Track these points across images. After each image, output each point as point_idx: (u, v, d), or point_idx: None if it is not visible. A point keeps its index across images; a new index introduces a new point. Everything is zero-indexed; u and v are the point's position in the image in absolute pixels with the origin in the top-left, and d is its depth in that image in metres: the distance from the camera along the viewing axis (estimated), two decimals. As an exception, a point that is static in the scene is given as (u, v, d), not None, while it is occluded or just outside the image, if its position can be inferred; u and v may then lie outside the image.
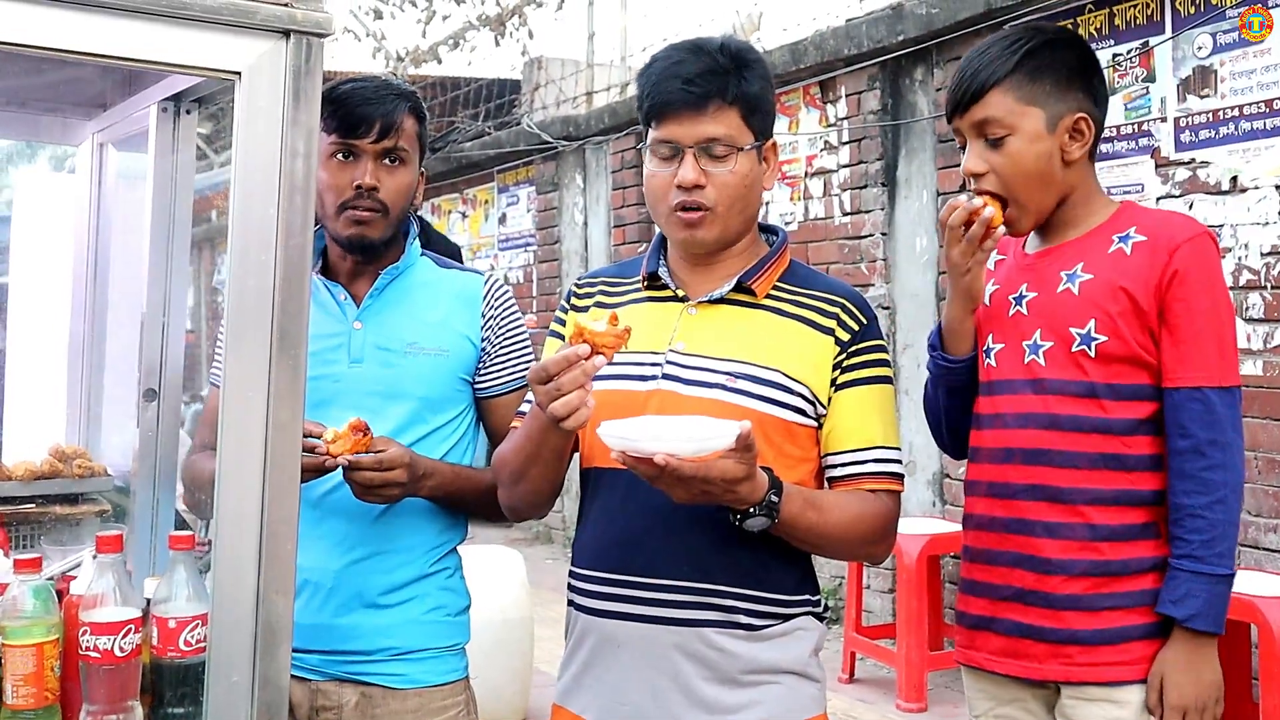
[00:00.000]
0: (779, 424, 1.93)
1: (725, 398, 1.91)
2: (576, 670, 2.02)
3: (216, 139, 11.60)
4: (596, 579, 1.98)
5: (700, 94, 1.92)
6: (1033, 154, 2.03)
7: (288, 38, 1.57)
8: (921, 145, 6.16)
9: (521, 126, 9.66)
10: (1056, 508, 2.02)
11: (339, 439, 2.01)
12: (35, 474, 2.85)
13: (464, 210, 10.81)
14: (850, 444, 1.98)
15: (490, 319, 2.31)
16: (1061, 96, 2.04)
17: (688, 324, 2.01)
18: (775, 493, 1.82)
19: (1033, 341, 2.05)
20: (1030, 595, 2.04)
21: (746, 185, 1.97)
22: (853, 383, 1.98)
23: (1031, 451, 2.04)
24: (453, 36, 11.32)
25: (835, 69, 6.62)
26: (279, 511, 1.57)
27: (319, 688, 2.18)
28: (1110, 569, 1.99)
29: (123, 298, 3.04)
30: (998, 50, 2.05)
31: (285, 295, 1.58)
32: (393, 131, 2.19)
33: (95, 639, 1.57)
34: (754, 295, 2.00)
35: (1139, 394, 1.99)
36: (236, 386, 1.57)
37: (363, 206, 2.18)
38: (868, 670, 5.75)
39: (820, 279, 2.07)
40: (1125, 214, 2.08)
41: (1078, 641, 2.00)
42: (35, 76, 2.78)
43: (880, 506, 1.98)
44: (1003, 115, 2.03)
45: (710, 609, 1.91)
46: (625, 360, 1.96)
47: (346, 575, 2.17)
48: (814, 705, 1.99)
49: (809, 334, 1.98)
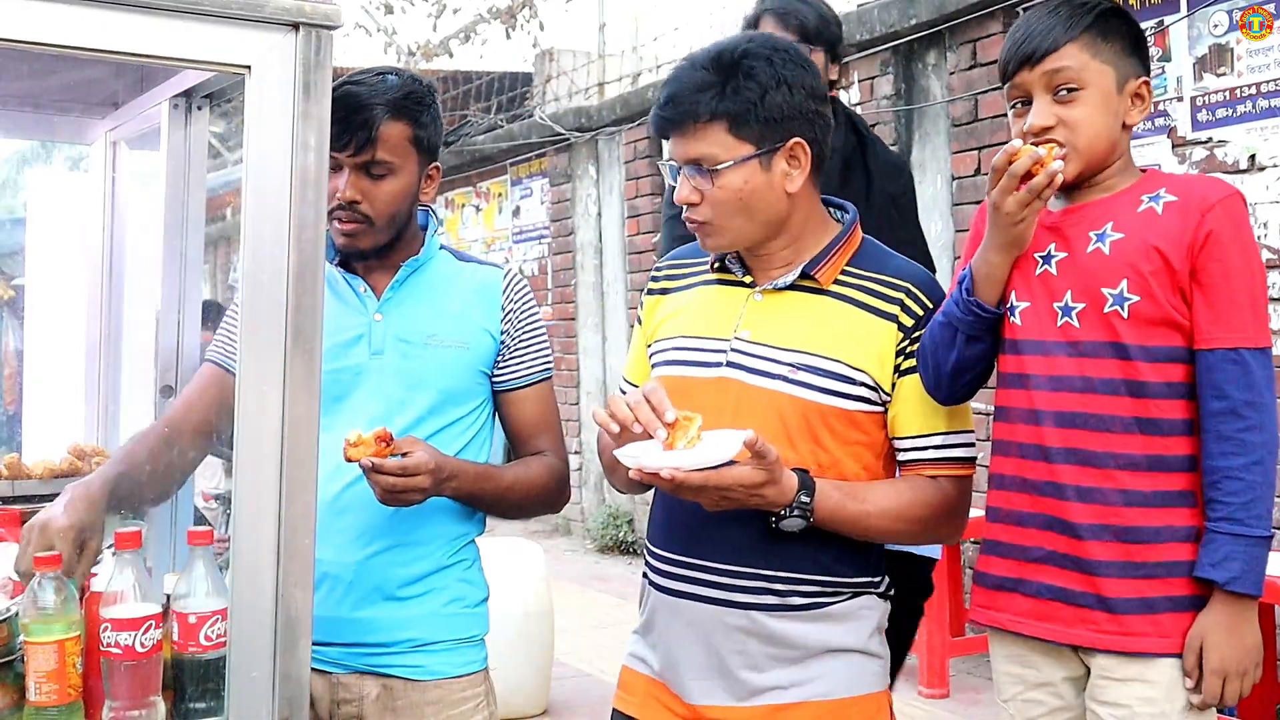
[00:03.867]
0: (840, 413, 1.95)
1: (787, 389, 1.95)
2: (646, 636, 2.10)
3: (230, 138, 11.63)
4: (664, 559, 2.06)
5: (675, 115, 1.96)
6: (1103, 111, 2.02)
7: (297, 30, 1.56)
8: (935, 130, 6.13)
9: (534, 119, 9.65)
10: (1089, 471, 2.00)
11: (361, 444, 2.01)
12: (55, 472, 2.86)
13: (478, 204, 10.81)
14: (911, 430, 2.00)
15: (510, 312, 2.31)
16: (1127, 60, 2.04)
17: (753, 311, 2.03)
18: (806, 493, 1.85)
19: (1064, 303, 2.02)
20: (1061, 558, 2.02)
21: (745, 197, 1.95)
22: (915, 369, 1.99)
23: (1065, 414, 2.02)
24: (463, 30, 11.31)
25: (847, 54, 6.57)
26: (296, 506, 1.57)
27: (339, 680, 2.18)
28: (1142, 535, 1.97)
29: (138, 295, 3.05)
30: (1067, 11, 2.04)
31: (299, 289, 1.57)
32: (369, 145, 2.14)
33: (116, 635, 1.58)
34: (818, 284, 2.01)
35: (1172, 356, 1.97)
36: (252, 382, 1.57)
37: (344, 218, 2.17)
38: (889, 657, 5.74)
39: (891, 261, 2.06)
40: (1151, 178, 2.07)
41: (1106, 608, 1.98)
42: (48, 77, 2.79)
43: (938, 492, 2.00)
44: (1078, 68, 2.01)
45: (766, 593, 1.96)
46: (691, 345, 2.03)
47: (366, 568, 2.17)
48: (876, 681, 2.01)
49: (872, 321, 1.98)
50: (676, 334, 2.10)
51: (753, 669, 1.97)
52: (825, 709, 1.97)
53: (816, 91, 2.00)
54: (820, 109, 2.01)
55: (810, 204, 2.05)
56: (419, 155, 2.23)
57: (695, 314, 2.10)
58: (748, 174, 1.95)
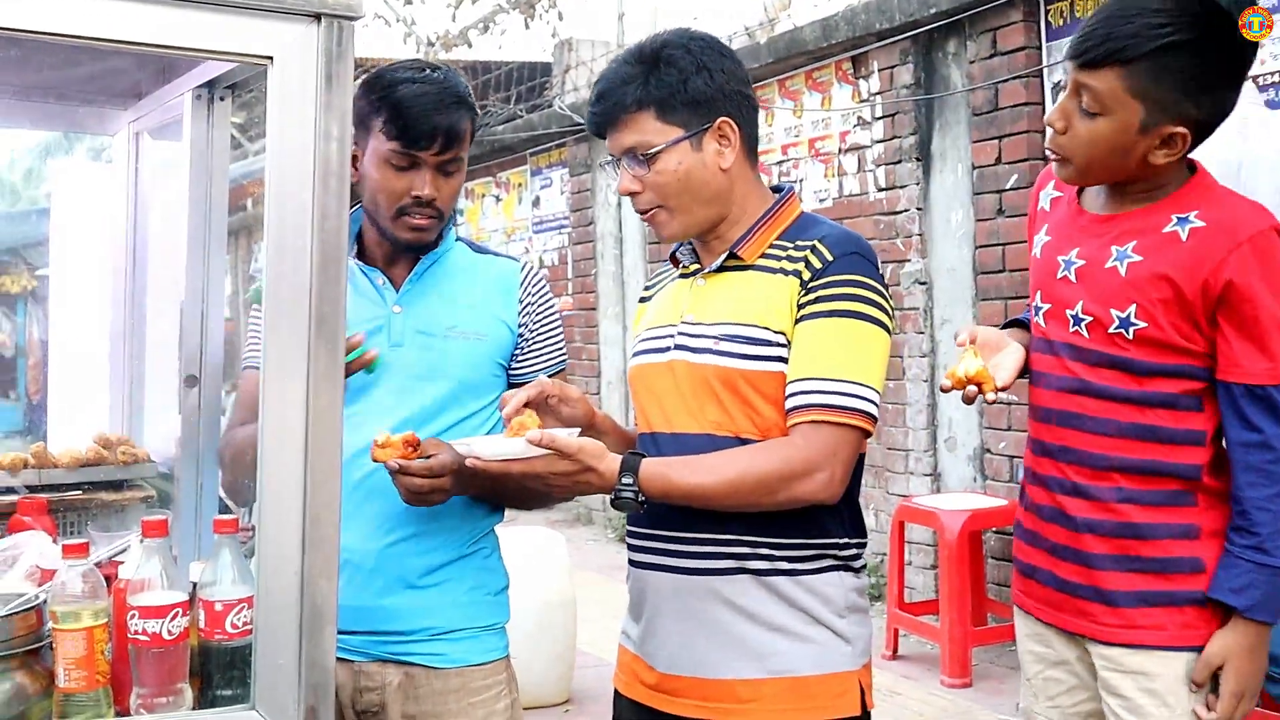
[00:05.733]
0: (765, 376, 1.98)
1: (714, 361, 2.00)
2: (630, 612, 2.17)
3: (251, 128, 11.66)
4: (635, 534, 2.12)
5: (605, 110, 2.07)
6: (1112, 145, 1.97)
7: (319, 21, 1.57)
8: (956, 119, 6.11)
9: (553, 109, 9.65)
10: (1085, 471, 2.03)
11: (389, 446, 2.03)
12: (81, 461, 2.89)
13: (497, 194, 10.82)
14: (790, 377, 1.97)
15: (527, 305, 2.33)
16: (1174, 103, 1.93)
17: (696, 295, 2.10)
18: (629, 475, 1.91)
19: (1075, 312, 2.04)
20: (1064, 550, 2.07)
21: (681, 177, 2.03)
22: (805, 317, 1.97)
23: (1065, 414, 2.05)
24: (483, 20, 11.30)
25: (867, 44, 6.57)
26: (321, 496, 1.58)
27: (361, 668, 2.20)
28: (1137, 532, 1.99)
29: (162, 286, 3.07)
30: (1135, 27, 1.92)
31: (322, 280, 1.58)
32: (455, 145, 2.20)
33: (144, 622, 1.59)
34: (743, 260, 2.06)
35: (1177, 372, 1.96)
36: (275, 373, 1.58)
37: (421, 214, 2.20)
38: (911, 647, 5.75)
39: (817, 228, 2.06)
40: (1194, 189, 2.00)
41: (1103, 600, 2.02)
42: (72, 68, 2.80)
43: (786, 447, 1.93)
44: (1106, 93, 1.94)
45: (724, 558, 1.99)
46: (650, 336, 2.13)
47: (387, 556, 2.19)
48: (845, 660, 2.01)
49: (780, 282, 2.01)
50: (643, 329, 2.20)
51: (718, 642, 1.99)
52: (788, 686, 1.98)
53: (737, 74, 2.08)
54: (743, 90, 2.08)
55: (747, 183, 2.09)
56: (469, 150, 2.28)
57: (658, 308, 2.20)
58: (680, 155, 2.03)
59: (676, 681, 2.03)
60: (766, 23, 8.10)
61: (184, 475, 2.59)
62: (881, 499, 6.55)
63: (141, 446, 3.02)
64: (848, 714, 1.99)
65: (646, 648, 2.08)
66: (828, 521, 2.01)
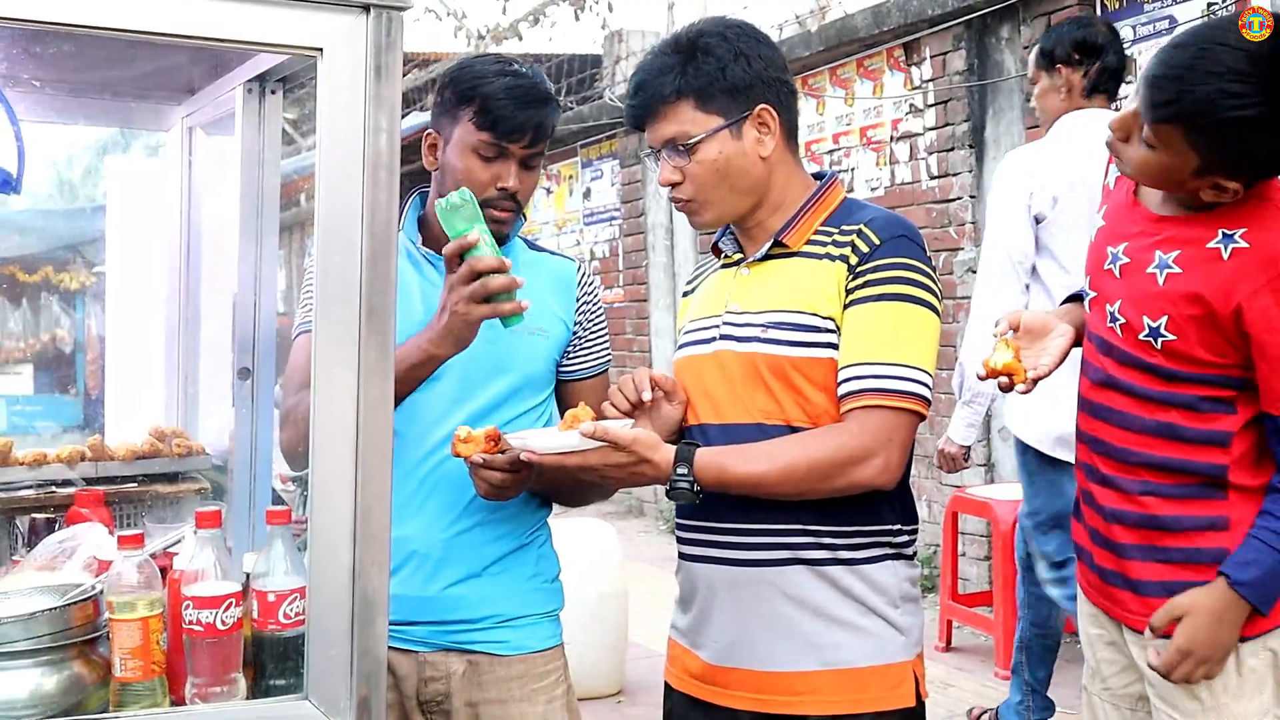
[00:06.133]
0: (814, 362, 1.97)
1: (761, 348, 1.99)
2: (680, 605, 2.16)
3: (303, 123, 11.75)
4: (685, 525, 2.11)
5: (644, 101, 2.06)
6: (1165, 176, 1.94)
7: (368, 12, 1.56)
8: (1009, 105, 6.04)
9: (604, 100, 9.65)
10: (1111, 463, 2.04)
11: (471, 441, 2.03)
12: (136, 454, 2.92)
13: (548, 186, 10.84)
14: (841, 363, 1.96)
15: (584, 304, 2.36)
16: (1229, 165, 1.86)
17: (740, 284, 2.09)
18: (684, 465, 1.91)
19: (1114, 309, 2.02)
20: (1100, 537, 2.08)
21: (720, 167, 2.02)
22: (855, 302, 1.96)
23: (1097, 406, 2.06)
24: (533, 13, 11.32)
25: (919, 30, 6.51)
26: (372, 488, 1.58)
27: (426, 659, 2.21)
28: (1160, 523, 1.99)
29: (215, 280, 3.09)
30: (1213, 91, 1.80)
31: (372, 272, 1.58)
32: (542, 139, 2.21)
33: (198, 613, 1.60)
34: (788, 247, 2.04)
35: (1206, 381, 1.94)
36: (326, 364, 1.58)
37: (503, 207, 2.21)
38: (965, 638, 5.70)
39: (862, 212, 2.04)
40: (1249, 205, 1.91)
41: (1132, 589, 2.04)
42: (127, 65, 2.83)
43: (840, 434, 1.92)
44: (1164, 137, 1.87)
45: (776, 549, 1.98)
46: (695, 327, 2.13)
47: (453, 545, 2.20)
48: (900, 651, 2.00)
49: (828, 267, 1.99)
50: (687, 320, 2.19)
51: (772, 634, 1.98)
52: (843, 677, 1.97)
53: (775, 61, 2.07)
54: (781, 76, 2.07)
55: (788, 169, 2.08)
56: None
57: (702, 299, 2.19)
58: (720, 144, 2.02)
59: (729, 674, 2.02)
60: (817, 10, 8.06)
61: (237, 467, 2.62)
62: (934, 489, 6.50)
63: (196, 439, 3.05)
64: (902, 705, 1.98)
65: (698, 640, 2.08)
66: (882, 508, 2.00)
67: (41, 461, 2.81)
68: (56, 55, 2.55)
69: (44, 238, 6.98)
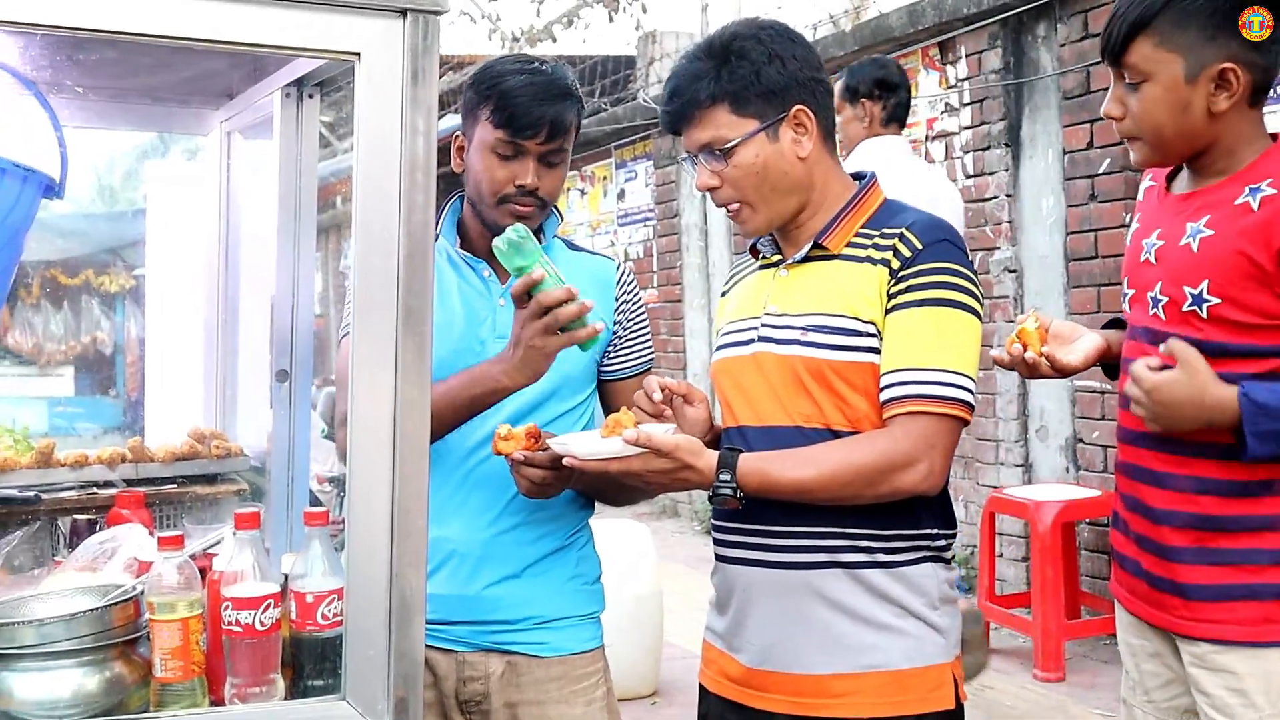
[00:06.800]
0: (855, 366, 1.95)
1: (801, 351, 1.98)
2: (715, 607, 2.14)
3: (339, 127, 11.81)
4: (722, 528, 2.09)
5: (679, 107, 2.04)
6: (1165, 102, 1.95)
7: (405, 16, 1.57)
8: (1046, 103, 6.00)
9: (637, 101, 9.65)
10: (1163, 457, 2.00)
11: (511, 438, 2.04)
12: (176, 455, 2.94)
13: (582, 187, 10.85)
14: (884, 368, 1.95)
15: (623, 304, 2.36)
16: (1205, 47, 1.92)
17: (780, 286, 2.08)
18: (727, 471, 1.90)
19: (1154, 293, 2.01)
20: (1145, 541, 2.04)
21: (759, 170, 2.01)
22: (897, 307, 1.95)
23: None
24: (567, 15, 11.36)
25: (954, 29, 6.48)
26: (409, 488, 1.59)
27: (465, 659, 2.22)
28: (1216, 523, 1.94)
29: (253, 283, 3.11)
30: None
31: (409, 273, 1.59)
32: (560, 135, 2.20)
33: (237, 613, 1.61)
34: (828, 250, 2.03)
35: (1254, 353, 1.90)
36: (364, 365, 1.59)
37: (523, 203, 2.21)
38: (1003, 640, 5.66)
39: (903, 215, 2.04)
40: (1271, 159, 1.96)
41: (1181, 594, 1.98)
42: (166, 70, 2.85)
43: (883, 439, 1.92)
44: (1140, 61, 1.95)
45: (816, 550, 1.97)
46: (733, 329, 2.12)
47: (493, 545, 2.21)
48: (939, 653, 1.99)
49: (869, 271, 1.98)
50: (724, 322, 2.18)
51: (811, 637, 1.97)
52: (883, 680, 1.95)
53: (810, 61, 2.05)
54: (817, 76, 2.06)
55: (826, 169, 2.07)
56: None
57: (739, 301, 2.18)
58: (757, 148, 2.01)
59: (767, 677, 2.01)
60: (851, 10, 8.03)
61: (275, 468, 2.63)
62: (971, 490, 6.46)
63: (234, 441, 3.07)
64: (942, 707, 1.97)
65: (734, 643, 2.07)
66: (921, 512, 1.99)
67: (83, 463, 2.84)
68: (99, 61, 2.57)
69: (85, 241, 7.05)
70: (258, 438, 2.96)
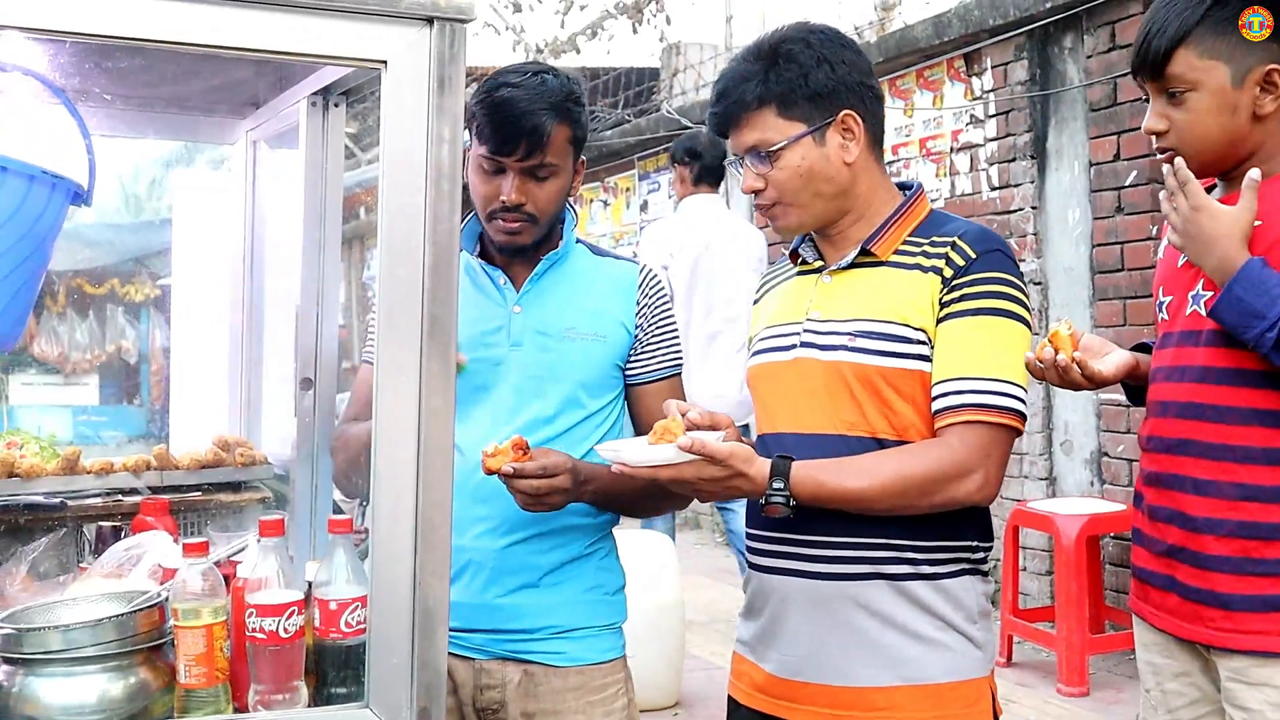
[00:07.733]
0: (903, 374, 1.95)
1: (847, 357, 1.97)
2: (746, 617, 2.13)
3: (364, 138, 11.86)
4: (757, 537, 2.07)
5: (726, 109, 2.05)
6: (1213, 111, 1.95)
7: (431, 25, 1.58)
8: (1072, 115, 5.98)
9: (661, 113, 9.66)
10: (1205, 463, 1.96)
11: (499, 454, 2.03)
12: (200, 463, 2.95)
13: (605, 199, 10.86)
14: (936, 377, 1.95)
15: (644, 307, 2.34)
16: (1248, 51, 1.93)
17: (823, 292, 2.07)
18: (780, 480, 1.88)
19: (1195, 291, 1.99)
20: (1181, 552, 2.00)
21: (803, 174, 2.01)
22: (949, 316, 1.95)
23: (1185, 405, 2.00)
24: (591, 26, 11.37)
25: (980, 40, 6.46)
26: (433, 497, 1.59)
27: (482, 666, 2.22)
28: (1260, 531, 1.91)
29: (278, 292, 3.12)
30: (1180, 7, 1.96)
31: (435, 282, 1.59)
32: (539, 150, 2.17)
33: (261, 620, 1.62)
34: (876, 257, 2.02)
35: None
36: (389, 374, 1.59)
37: (510, 219, 2.21)
38: (1026, 654, 5.63)
39: (952, 225, 2.04)
40: None
41: (1221, 605, 1.95)
42: (193, 79, 2.86)
43: (938, 449, 1.91)
44: (1184, 72, 1.95)
45: (857, 562, 1.96)
46: (773, 334, 2.10)
47: (509, 555, 2.20)
48: (977, 667, 1.98)
49: (919, 279, 1.98)
50: (762, 327, 2.16)
51: (851, 649, 1.96)
52: (923, 693, 1.94)
53: (859, 65, 2.05)
54: (866, 81, 2.05)
55: (872, 176, 2.07)
56: (574, 153, 2.27)
57: (778, 306, 2.16)
58: (804, 151, 2.01)
59: (800, 688, 2.00)
60: (876, 22, 8.02)
61: (299, 476, 2.64)
62: (995, 503, 6.42)
63: (259, 449, 3.07)
64: None
65: (764, 652, 2.06)
66: (964, 525, 1.98)
67: (108, 470, 2.84)
68: (127, 69, 2.58)
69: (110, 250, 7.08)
70: (282, 446, 2.97)
